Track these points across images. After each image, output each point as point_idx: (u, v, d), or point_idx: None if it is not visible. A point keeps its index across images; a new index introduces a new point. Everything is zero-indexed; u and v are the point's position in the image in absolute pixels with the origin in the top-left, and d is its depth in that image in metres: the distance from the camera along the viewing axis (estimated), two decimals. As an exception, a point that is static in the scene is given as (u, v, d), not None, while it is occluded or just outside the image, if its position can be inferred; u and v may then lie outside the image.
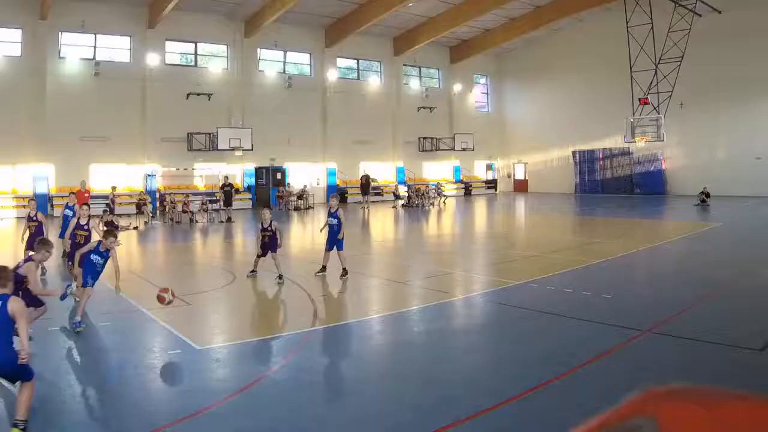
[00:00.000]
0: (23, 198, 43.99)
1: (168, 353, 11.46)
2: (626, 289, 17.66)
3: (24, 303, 8.61)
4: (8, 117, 43.89)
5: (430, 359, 11.38)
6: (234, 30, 53.35)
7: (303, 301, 15.56)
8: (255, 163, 54.49)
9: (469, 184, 68.76)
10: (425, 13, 57.22)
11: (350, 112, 59.78)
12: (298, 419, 8.66)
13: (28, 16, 44.80)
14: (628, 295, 16.52)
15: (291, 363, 10.99)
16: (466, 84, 69.33)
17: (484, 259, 24.33)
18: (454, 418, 8.28)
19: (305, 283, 17.18)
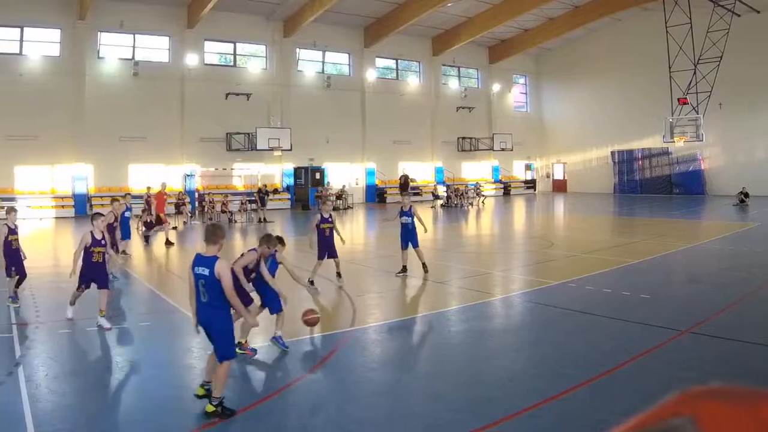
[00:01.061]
0: (62, 198, 43.17)
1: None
2: (665, 289, 17.26)
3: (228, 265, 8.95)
4: (47, 117, 42.56)
5: (468, 359, 11.17)
6: (273, 30, 51.61)
7: (342, 301, 15.21)
8: (294, 163, 52.72)
9: (508, 184, 66.49)
10: (464, 12, 55.19)
11: (389, 112, 57.77)
12: (337, 418, 8.48)
13: (66, 16, 43.40)
14: (666, 295, 16.19)
15: (330, 362, 10.77)
16: (504, 84, 66.87)
17: (522, 259, 23.65)
18: (491, 418, 8.11)
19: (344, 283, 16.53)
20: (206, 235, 8.87)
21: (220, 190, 47.32)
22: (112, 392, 9.58)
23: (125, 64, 46.04)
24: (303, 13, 49.43)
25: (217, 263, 8.42)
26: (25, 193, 42.79)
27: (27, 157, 42.61)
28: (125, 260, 22.03)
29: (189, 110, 47.94)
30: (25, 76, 42.36)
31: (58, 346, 11.86)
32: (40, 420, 8.07)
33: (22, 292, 15.63)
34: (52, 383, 9.53)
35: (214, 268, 8.37)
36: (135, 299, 16.57)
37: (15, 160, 42.31)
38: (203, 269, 8.49)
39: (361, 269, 16.07)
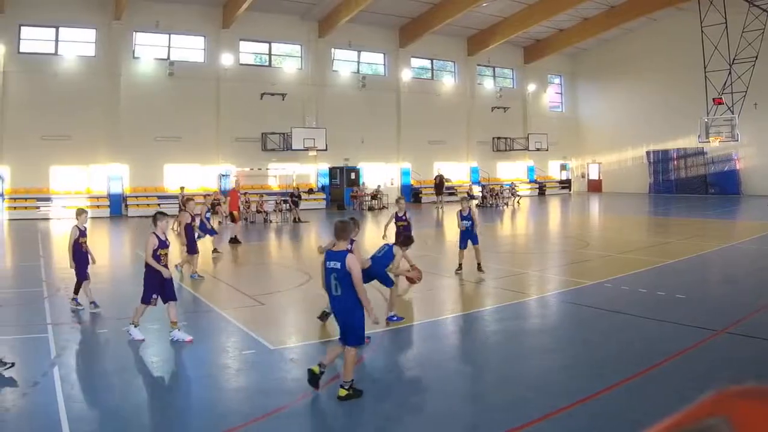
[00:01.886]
0: (97, 198, 41.83)
1: (242, 353, 10.95)
2: (700, 289, 17.06)
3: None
4: (83, 117, 41.51)
5: (504, 359, 11.01)
6: (308, 30, 50.05)
7: (377, 301, 13.81)
8: (329, 163, 51.07)
9: (543, 184, 64.54)
10: (499, 12, 53.22)
11: (424, 112, 55.87)
12: (372, 419, 8.40)
13: (102, 16, 42.16)
14: (702, 295, 15.95)
15: (366, 363, 10.46)
16: (540, 84, 64.61)
17: (557, 259, 23.19)
18: (528, 417, 7.93)
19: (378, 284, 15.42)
20: (337, 231, 9.02)
21: (256, 190, 45.48)
22: (146, 392, 9.39)
23: (160, 64, 44.75)
24: (338, 13, 48.03)
25: (348, 257, 8.68)
26: (61, 193, 41.54)
27: (62, 156, 41.47)
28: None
29: (224, 110, 46.67)
30: (60, 76, 41.29)
31: (94, 347, 11.72)
32: (75, 420, 7.87)
33: (57, 293, 15.66)
34: (87, 383, 9.42)
35: (345, 262, 8.60)
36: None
37: (50, 160, 41.23)
38: (335, 263, 8.71)
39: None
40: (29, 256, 24.09)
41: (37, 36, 41.66)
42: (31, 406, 8.57)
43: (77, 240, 13.96)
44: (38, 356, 10.63)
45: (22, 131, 40.00)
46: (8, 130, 39.63)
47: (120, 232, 34.70)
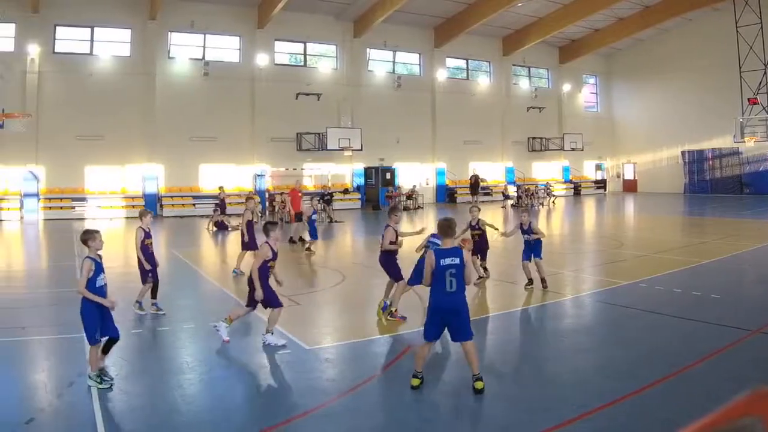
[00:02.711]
0: (132, 198, 40.33)
1: (278, 353, 10.52)
2: (735, 289, 16.42)
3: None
4: (118, 117, 40.16)
5: (539, 359, 10.53)
6: (343, 30, 48.26)
7: (413, 301, 13.85)
8: (364, 163, 49.18)
9: (578, 184, 62.01)
10: (534, 12, 51.25)
11: (459, 112, 53.78)
12: (408, 419, 8.03)
13: (137, 16, 40.73)
14: (737, 295, 15.43)
15: (401, 363, 10.12)
16: (575, 84, 62.33)
17: (592, 258, 22.44)
18: (562, 418, 7.62)
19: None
20: (444, 229, 8.90)
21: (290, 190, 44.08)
22: (182, 392, 8.87)
23: (195, 64, 43.26)
24: (373, 13, 46.28)
25: (465, 252, 8.69)
26: (96, 193, 40.11)
27: (97, 156, 40.10)
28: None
29: (259, 110, 45.00)
30: (95, 76, 39.92)
31: (129, 346, 11.01)
32: (110, 420, 7.73)
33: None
34: (122, 383, 9.02)
35: (463, 257, 8.55)
36: (205, 299, 15.97)
37: (85, 160, 39.88)
38: (452, 259, 8.53)
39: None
40: (65, 255, 23.08)
41: (72, 36, 40.26)
42: (67, 406, 8.25)
43: (143, 241, 13.21)
44: (74, 356, 10.17)
45: (58, 131, 38.60)
46: (43, 130, 38.09)
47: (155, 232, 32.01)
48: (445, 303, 8.62)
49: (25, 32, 37.93)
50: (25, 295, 16.00)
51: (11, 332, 11.74)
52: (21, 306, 14.56)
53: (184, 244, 27.38)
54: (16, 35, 38.09)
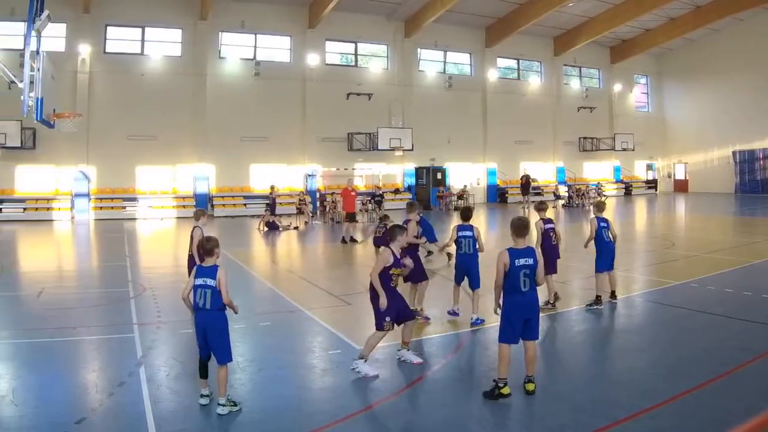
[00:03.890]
0: (183, 198, 37.66)
1: (328, 353, 10.07)
2: None
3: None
4: (169, 117, 37.82)
5: (589, 359, 10.03)
6: (394, 30, 45.03)
7: (464, 300, 12.54)
8: (415, 162, 45.87)
9: (629, 184, 57.83)
10: (585, 12, 47.58)
11: (510, 112, 50.15)
12: (457, 419, 7.49)
13: (188, 16, 38.16)
14: None
15: (451, 362, 9.71)
16: (626, 84, 57.97)
17: (643, 258, 21.20)
18: (614, 417, 7.20)
19: (465, 283, 12.85)
20: (518, 229, 8.28)
21: (341, 190, 41.71)
22: (232, 392, 7.97)
23: (246, 64, 40.50)
24: (424, 13, 43.08)
25: (536, 252, 8.30)
26: (147, 193, 37.60)
27: (148, 156, 37.69)
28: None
29: (310, 110, 42.07)
30: (146, 77, 37.48)
31: (180, 347, 10.42)
32: (161, 420, 7.24)
33: (143, 293, 14.63)
34: (173, 383, 8.58)
35: (536, 257, 8.15)
36: (255, 298, 14.71)
37: (136, 160, 37.49)
38: (526, 260, 8.10)
39: (482, 269, 12.21)
40: (116, 256, 21.98)
41: (122, 36, 37.76)
42: (117, 406, 7.74)
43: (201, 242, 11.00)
44: (124, 356, 9.79)
45: (108, 131, 36.29)
46: (94, 130, 35.71)
47: (206, 232, 30.52)
48: (522, 302, 8.12)
49: (76, 32, 35.64)
50: (76, 295, 15.08)
51: (62, 332, 11.22)
52: (72, 306, 13.70)
53: (235, 244, 25.48)
54: (67, 35, 35.76)
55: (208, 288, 7.53)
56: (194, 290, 7.62)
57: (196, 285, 7.60)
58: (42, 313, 12.91)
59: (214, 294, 7.55)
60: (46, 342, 10.64)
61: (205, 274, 7.63)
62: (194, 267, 8.29)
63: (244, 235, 30.07)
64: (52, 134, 31.18)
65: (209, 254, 7.88)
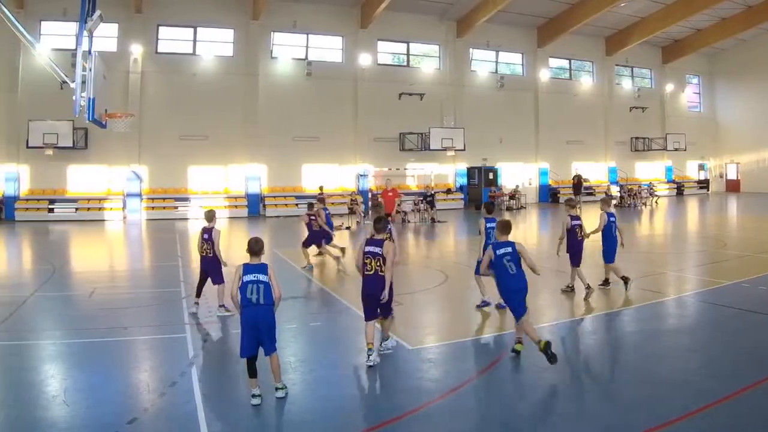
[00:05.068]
0: (235, 198, 34.33)
1: (380, 353, 8.89)
2: None
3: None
4: (221, 117, 34.71)
5: (641, 359, 9.06)
6: (446, 30, 41.04)
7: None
8: (467, 162, 41.88)
9: (681, 184, 52.89)
10: (637, 13, 43.21)
11: (562, 112, 45.88)
12: (509, 419, 7.00)
13: (240, 16, 34.97)
14: None
15: (502, 363, 8.84)
16: (677, 84, 52.76)
17: (695, 259, 19.60)
18: (665, 417, 6.65)
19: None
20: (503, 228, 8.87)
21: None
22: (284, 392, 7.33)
23: (298, 64, 37.00)
24: (476, 13, 39.07)
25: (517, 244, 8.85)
26: (199, 193, 34.35)
27: (200, 156, 34.60)
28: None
29: (362, 110, 38.48)
30: (198, 77, 34.33)
31: (231, 347, 9.51)
32: (212, 420, 6.74)
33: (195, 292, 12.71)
34: (225, 383, 8.08)
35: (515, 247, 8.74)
36: (306, 298, 13.91)
37: (188, 160, 34.47)
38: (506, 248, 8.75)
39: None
40: (168, 256, 20.56)
41: (174, 36, 34.65)
42: (169, 405, 7.21)
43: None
44: (176, 356, 9.15)
45: (160, 131, 33.31)
46: (146, 130, 32.82)
47: (258, 231, 28.45)
48: (514, 283, 8.55)
49: (128, 32, 32.62)
50: (128, 295, 14.11)
51: (114, 332, 10.51)
52: (124, 306, 12.77)
53: (286, 244, 23.49)
54: (119, 35, 32.76)
55: (261, 283, 7.23)
56: (244, 287, 7.22)
57: (246, 281, 7.22)
58: (94, 313, 12.17)
59: (267, 289, 7.28)
60: (97, 342, 10.00)
61: (256, 270, 7.31)
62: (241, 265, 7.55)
63: (294, 234, 26.93)
64: (104, 134, 28.90)
65: (258, 255, 7.55)
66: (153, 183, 34.09)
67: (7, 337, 10.11)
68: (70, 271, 18.22)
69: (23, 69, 31.57)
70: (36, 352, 9.48)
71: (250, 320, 7.17)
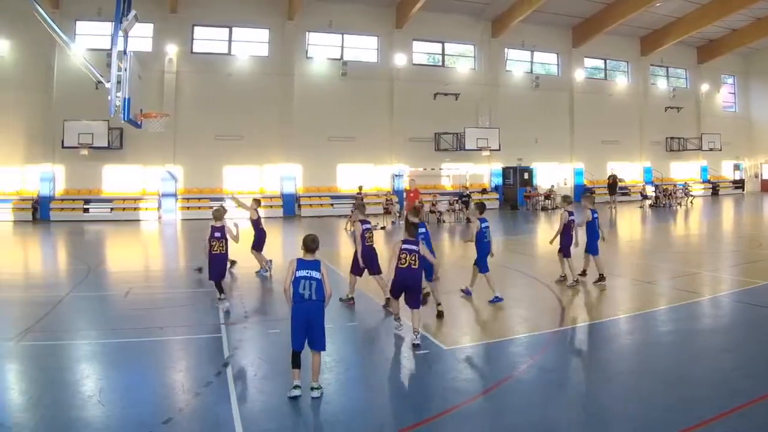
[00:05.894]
0: (270, 198, 31.85)
1: (416, 353, 8.49)
2: None
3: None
4: (255, 117, 32.60)
5: (676, 359, 8.46)
6: (481, 30, 38.22)
7: (550, 301, 11.72)
8: (502, 162, 39.06)
9: (716, 184, 49.50)
10: (672, 13, 40.02)
11: (597, 112, 42.90)
12: (544, 419, 6.48)
13: (275, 17, 32.67)
14: None
15: (537, 363, 8.18)
16: (713, 84, 49.57)
17: (731, 259, 18.10)
18: (700, 417, 6.26)
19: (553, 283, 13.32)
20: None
21: (429, 190, 34.62)
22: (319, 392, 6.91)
23: (334, 64, 34.65)
24: (511, 13, 36.27)
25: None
26: (234, 193, 34.83)
27: (235, 156, 32.41)
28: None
29: (397, 110, 35.91)
30: (233, 77, 32.13)
31: (267, 346, 9.24)
32: (248, 421, 6.35)
33: (230, 293, 12.64)
34: (260, 383, 7.51)
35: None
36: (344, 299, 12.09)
37: (223, 160, 32.29)
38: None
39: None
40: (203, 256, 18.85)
41: (210, 36, 32.39)
42: (204, 406, 6.77)
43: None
44: (211, 356, 8.51)
45: (195, 131, 31.13)
46: (181, 130, 30.65)
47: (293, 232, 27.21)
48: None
49: (163, 32, 30.37)
50: (163, 295, 13.25)
51: (149, 332, 9.91)
52: (159, 306, 11.96)
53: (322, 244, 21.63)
54: (154, 35, 30.55)
55: (314, 280, 6.98)
56: (296, 282, 6.96)
57: (299, 277, 6.97)
58: (129, 313, 11.46)
59: (319, 285, 7.02)
60: (133, 342, 9.37)
61: (310, 266, 7.06)
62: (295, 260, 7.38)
63: (330, 234, 25.84)
64: (139, 134, 27.04)
65: (313, 252, 7.32)
66: (188, 183, 31.77)
67: (43, 336, 9.51)
68: (106, 271, 17.29)
69: (58, 69, 29.54)
70: (71, 352, 8.95)
71: (300, 315, 6.93)
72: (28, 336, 9.50)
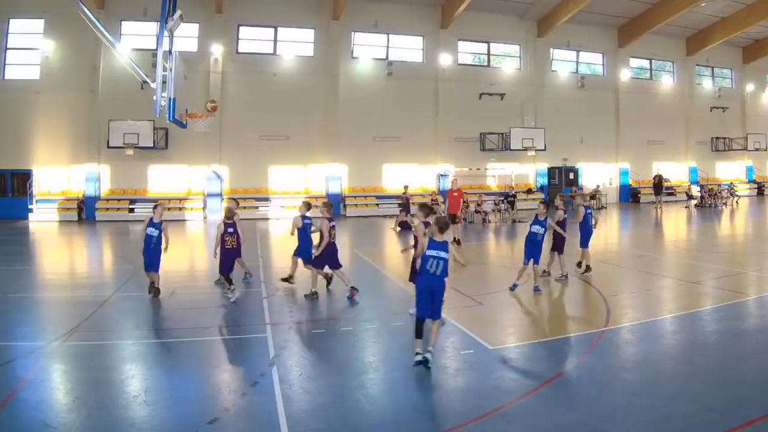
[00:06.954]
0: (315, 198, 31.91)
1: (461, 353, 8.00)
2: None
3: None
4: (301, 117, 29.92)
5: (723, 359, 7.75)
6: (526, 30, 35.02)
7: (595, 300, 11.00)
8: (547, 162, 35.93)
9: (762, 184, 45.20)
10: (717, 12, 36.27)
11: (642, 112, 39.43)
12: (591, 420, 5.97)
13: (320, 16, 29.93)
14: None
15: (584, 363, 7.66)
16: (758, 84, 45.46)
17: None
18: (747, 417, 5.76)
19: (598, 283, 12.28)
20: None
21: (474, 190, 31.98)
22: (365, 392, 6.72)
23: (379, 64, 31.79)
24: (556, 13, 33.08)
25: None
26: (279, 193, 29.35)
27: (281, 156, 29.73)
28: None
29: (443, 110, 32.93)
30: (279, 77, 29.37)
31: (312, 347, 8.65)
32: (293, 420, 5.95)
33: (276, 293, 12.06)
34: (305, 383, 6.99)
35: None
36: (388, 298, 12.16)
37: (268, 160, 29.67)
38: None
39: (615, 269, 11.43)
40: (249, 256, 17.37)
41: (255, 36, 29.68)
42: (250, 406, 6.39)
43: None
44: (257, 356, 7.90)
45: (241, 131, 28.45)
46: (227, 130, 28.02)
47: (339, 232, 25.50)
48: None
49: (209, 32, 27.62)
50: (208, 295, 12.27)
51: (195, 332, 9.20)
52: (204, 306, 11.14)
53: (368, 244, 21.25)
54: (200, 35, 27.80)
55: (442, 259, 7.17)
56: (425, 259, 7.11)
57: (428, 255, 7.16)
58: (174, 313, 10.79)
59: (445, 264, 7.19)
60: (178, 342, 8.86)
61: (439, 247, 7.24)
62: (428, 238, 7.61)
63: (376, 234, 24.38)
64: (184, 134, 24.71)
65: (443, 232, 7.44)
66: (233, 183, 28.97)
67: (88, 336, 8.90)
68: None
69: (104, 69, 27.07)
70: (117, 352, 8.26)
71: (426, 287, 7.06)
72: (74, 336, 8.94)
